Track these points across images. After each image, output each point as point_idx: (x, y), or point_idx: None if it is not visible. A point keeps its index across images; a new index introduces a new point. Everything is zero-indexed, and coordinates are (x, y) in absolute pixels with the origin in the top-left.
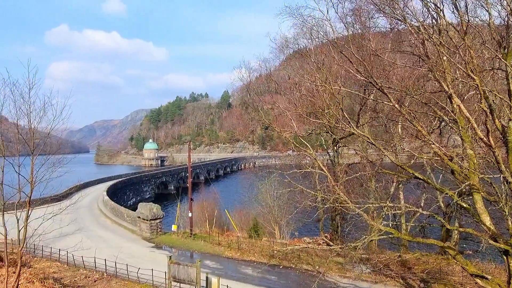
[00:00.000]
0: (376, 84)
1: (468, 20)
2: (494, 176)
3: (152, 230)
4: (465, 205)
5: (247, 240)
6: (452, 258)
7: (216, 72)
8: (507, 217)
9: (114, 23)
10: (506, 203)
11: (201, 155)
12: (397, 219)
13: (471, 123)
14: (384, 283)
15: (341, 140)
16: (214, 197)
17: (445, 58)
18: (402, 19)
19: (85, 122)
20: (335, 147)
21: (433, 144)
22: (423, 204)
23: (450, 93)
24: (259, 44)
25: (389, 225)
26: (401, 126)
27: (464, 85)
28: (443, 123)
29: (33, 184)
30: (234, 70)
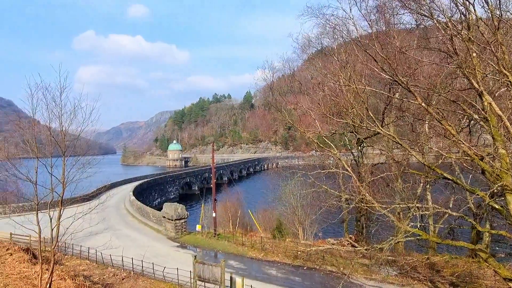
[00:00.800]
0: (402, 83)
1: (500, 15)
2: None
3: (177, 230)
4: (497, 207)
5: (271, 241)
6: (484, 261)
7: (238, 73)
8: None
9: (139, 27)
10: None
11: (224, 156)
12: (425, 221)
13: (504, 121)
14: (412, 286)
15: (366, 140)
16: (238, 198)
17: (475, 55)
18: (429, 15)
19: (112, 124)
20: (360, 147)
21: (463, 144)
22: (452, 205)
23: (481, 91)
24: (282, 45)
25: (417, 227)
26: (428, 125)
27: (495, 82)
28: (473, 122)
29: (65, 184)
30: (257, 71)
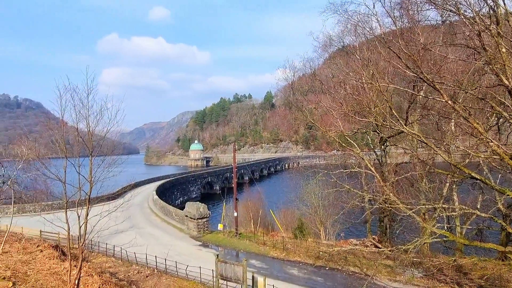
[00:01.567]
0: (427, 80)
1: None
2: None
3: (199, 229)
4: None
5: (292, 241)
6: None
7: (258, 73)
8: None
9: (160, 29)
10: None
11: (245, 156)
12: (452, 222)
13: None
14: None
15: (389, 139)
16: (259, 197)
17: (505, 50)
18: (455, 10)
19: (135, 125)
20: (383, 146)
21: (491, 142)
22: (480, 206)
23: (511, 87)
24: (302, 44)
25: (443, 228)
26: (455, 123)
27: None
28: (502, 120)
29: (92, 183)
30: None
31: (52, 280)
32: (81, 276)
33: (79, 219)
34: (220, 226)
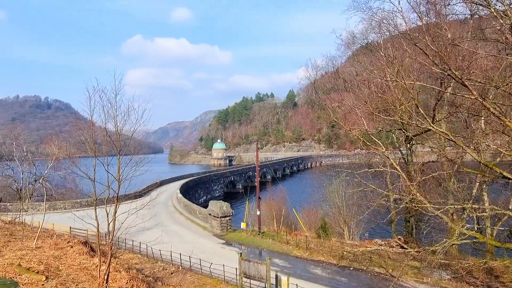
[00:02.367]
0: (455, 76)
1: None
2: None
3: (222, 227)
4: None
5: (316, 240)
6: None
7: (280, 72)
8: None
9: (182, 30)
10: None
11: (268, 154)
12: (482, 223)
13: None
14: None
15: (415, 137)
16: (281, 196)
17: None
18: (485, 4)
19: (159, 124)
20: (408, 145)
21: None
22: None
23: None
24: (324, 42)
25: (472, 229)
26: (485, 121)
27: None
28: None
29: (120, 182)
30: (299, 69)
31: (82, 275)
32: (110, 272)
33: (108, 216)
34: (243, 225)
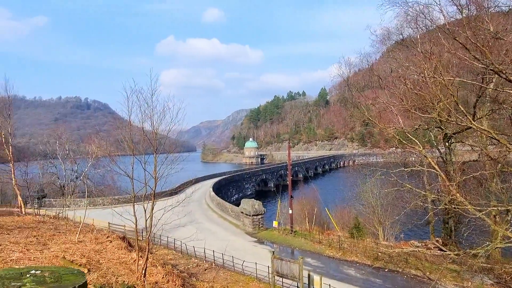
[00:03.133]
0: (499, 71)
1: None
2: None
3: (254, 225)
4: None
5: (349, 240)
6: None
7: (311, 70)
8: None
9: (214, 30)
10: None
11: (299, 153)
12: None
13: None
14: None
15: (454, 135)
16: (313, 195)
17: None
18: None
19: (192, 123)
20: (447, 143)
21: None
22: None
23: None
24: (357, 39)
25: None
26: None
27: None
28: None
29: (157, 179)
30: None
31: (121, 269)
32: (147, 266)
33: (145, 213)
34: (275, 223)
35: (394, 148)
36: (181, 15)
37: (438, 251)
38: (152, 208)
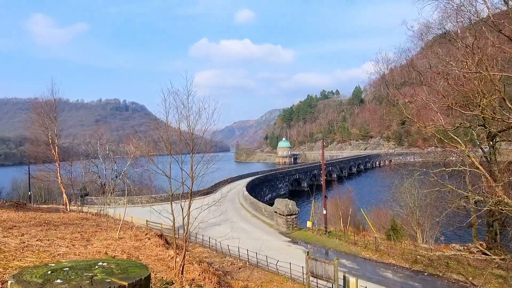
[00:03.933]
0: None
1: None
2: None
3: (288, 225)
4: None
5: (386, 242)
6: None
7: (345, 68)
8: None
9: (246, 31)
10: None
11: (333, 153)
12: None
13: None
14: None
15: (500, 134)
16: (348, 195)
17: None
18: None
19: (225, 124)
20: (491, 142)
21: None
22: None
23: None
24: (391, 35)
25: None
26: None
27: None
28: None
29: (193, 178)
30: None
31: (160, 266)
32: (184, 264)
33: (183, 211)
34: (309, 224)
35: (434, 147)
36: (214, 17)
37: (482, 255)
38: (189, 207)
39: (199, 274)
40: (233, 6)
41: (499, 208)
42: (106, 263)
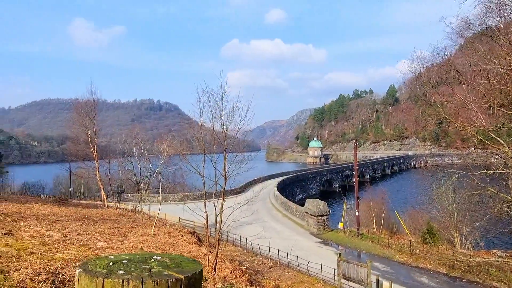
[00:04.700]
0: None
1: None
2: None
3: (319, 226)
4: None
5: (421, 246)
6: None
7: (378, 67)
8: None
9: (277, 31)
10: None
11: (366, 153)
12: None
13: None
14: None
15: None
16: (382, 197)
17: None
18: None
19: (257, 123)
20: None
21: None
22: None
23: None
24: (427, 33)
25: None
26: None
27: None
28: None
29: (226, 178)
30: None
31: None
32: (217, 261)
33: (215, 210)
34: (341, 225)
35: (473, 149)
36: (245, 18)
37: None
38: (222, 205)
39: (231, 272)
40: (264, 6)
41: None
42: (160, 257)
